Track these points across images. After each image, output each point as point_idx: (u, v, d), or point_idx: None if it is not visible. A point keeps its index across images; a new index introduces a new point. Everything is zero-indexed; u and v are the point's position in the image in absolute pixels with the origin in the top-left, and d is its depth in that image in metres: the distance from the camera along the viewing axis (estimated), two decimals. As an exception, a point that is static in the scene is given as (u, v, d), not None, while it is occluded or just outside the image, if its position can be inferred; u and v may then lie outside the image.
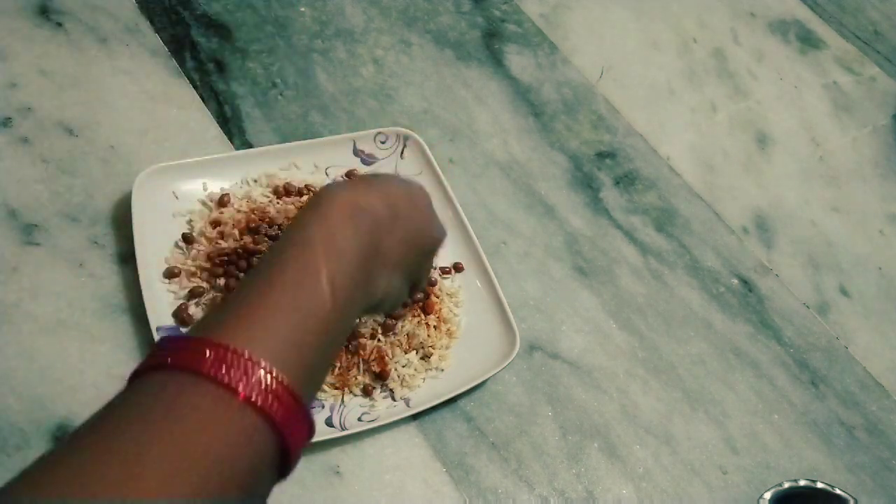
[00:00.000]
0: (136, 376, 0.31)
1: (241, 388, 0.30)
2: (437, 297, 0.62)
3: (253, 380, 0.30)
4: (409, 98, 0.76)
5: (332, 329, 0.35)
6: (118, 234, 0.61)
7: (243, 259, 0.58)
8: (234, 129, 0.70)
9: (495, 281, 0.62)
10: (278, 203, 0.63)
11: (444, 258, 0.65)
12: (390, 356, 0.58)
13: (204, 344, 0.31)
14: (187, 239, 0.60)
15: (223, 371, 0.30)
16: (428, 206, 0.45)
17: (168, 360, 0.31)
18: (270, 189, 0.64)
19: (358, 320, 0.59)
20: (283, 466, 0.32)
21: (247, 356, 0.30)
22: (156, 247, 0.59)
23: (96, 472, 0.26)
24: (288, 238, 0.37)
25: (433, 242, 0.45)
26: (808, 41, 0.95)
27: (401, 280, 0.42)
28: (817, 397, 0.67)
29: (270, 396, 0.30)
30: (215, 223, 0.61)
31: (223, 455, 0.29)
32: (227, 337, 0.31)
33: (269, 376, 0.30)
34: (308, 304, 0.34)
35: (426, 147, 0.68)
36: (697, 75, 0.88)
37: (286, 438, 0.31)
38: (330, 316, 0.34)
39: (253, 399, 0.30)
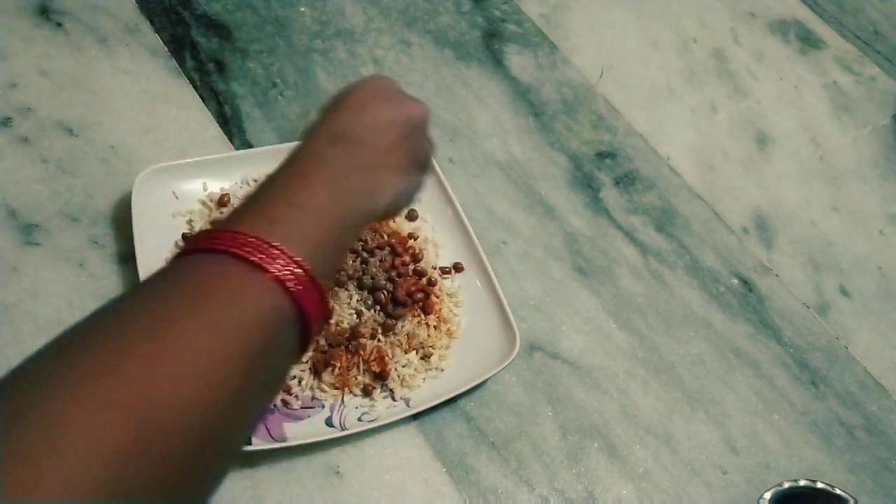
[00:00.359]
0: (176, 258, 0.36)
1: (269, 267, 0.34)
2: (437, 297, 0.62)
3: (279, 261, 0.34)
4: (409, 98, 0.76)
5: (332, 224, 0.39)
6: (118, 234, 0.61)
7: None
8: (234, 129, 0.70)
9: (495, 281, 0.62)
10: (278, 203, 0.63)
11: (444, 258, 0.65)
12: (390, 356, 0.58)
13: (234, 232, 0.35)
14: (187, 239, 0.60)
15: (254, 252, 0.34)
16: (394, 92, 0.48)
17: (203, 244, 0.35)
18: (270, 189, 0.64)
19: (358, 319, 0.59)
20: (302, 341, 0.36)
21: (271, 241, 0.34)
22: (156, 247, 0.59)
23: (132, 340, 0.29)
24: (281, 164, 0.42)
25: (417, 119, 0.47)
26: (808, 41, 0.95)
27: (405, 169, 0.46)
28: (817, 397, 0.67)
29: (294, 276, 0.34)
30: (215, 223, 0.61)
31: (252, 327, 0.32)
32: (250, 226, 0.35)
33: (289, 258, 0.34)
34: (307, 201, 0.38)
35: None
36: (697, 75, 0.88)
37: (307, 315, 0.35)
38: (328, 212, 0.39)
39: (280, 277, 0.34)
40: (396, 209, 0.47)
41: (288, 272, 0.34)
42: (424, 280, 0.62)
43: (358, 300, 0.60)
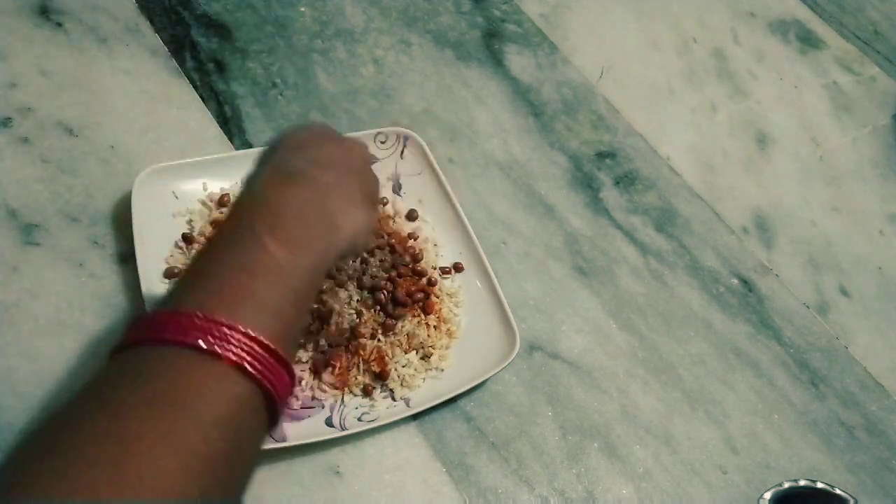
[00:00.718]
0: (117, 352, 0.32)
1: (223, 352, 0.31)
2: (437, 297, 0.62)
3: (234, 342, 0.31)
4: (409, 98, 0.76)
5: (289, 278, 0.36)
6: (118, 234, 0.61)
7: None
8: (234, 129, 0.70)
9: (495, 281, 0.62)
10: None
11: (444, 258, 0.65)
12: (390, 356, 0.58)
13: (180, 314, 0.31)
14: (187, 239, 0.60)
15: (204, 338, 0.31)
16: (331, 133, 0.46)
17: (148, 335, 0.32)
18: (270, 189, 0.64)
19: (358, 319, 0.59)
20: (271, 418, 0.34)
21: (223, 321, 0.31)
22: (156, 247, 0.59)
23: (94, 454, 0.27)
24: (225, 217, 0.39)
25: (359, 155, 0.46)
26: (808, 41, 0.95)
27: (357, 202, 0.43)
28: (817, 397, 0.67)
29: (252, 356, 0.31)
30: (215, 223, 0.61)
31: (215, 418, 0.30)
32: (197, 306, 0.32)
33: (245, 337, 0.31)
34: (259, 261, 0.35)
35: (426, 147, 0.68)
36: (697, 75, 0.88)
37: (272, 393, 0.32)
38: (282, 266, 0.35)
39: (237, 361, 0.31)
40: (355, 247, 0.44)
41: (245, 352, 0.31)
42: (424, 280, 0.62)
43: (358, 300, 0.60)
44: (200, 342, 0.31)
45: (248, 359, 0.31)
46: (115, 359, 0.32)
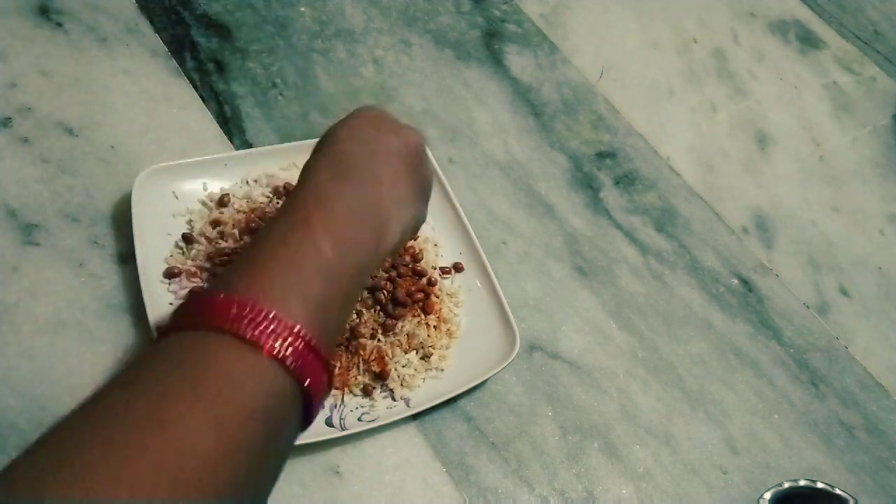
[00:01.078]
0: (161, 336, 0.32)
1: (266, 345, 0.31)
2: (437, 297, 0.62)
3: (277, 334, 0.31)
4: (409, 98, 0.76)
5: (339, 276, 0.36)
6: (118, 234, 0.61)
7: (243, 259, 0.58)
8: (234, 129, 0.70)
9: (495, 281, 0.62)
10: (278, 203, 0.63)
11: (444, 258, 0.65)
12: (390, 356, 0.58)
13: (228, 300, 0.32)
14: (187, 239, 0.60)
15: (248, 328, 0.31)
16: (389, 120, 0.45)
17: (194, 320, 0.32)
18: (270, 189, 0.64)
19: (358, 319, 0.59)
20: (305, 417, 0.34)
21: (269, 314, 0.31)
22: (156, 247, 0.59)
23: (122, 436, 0.27)
24: (282, 206, 0.39)
25: (416, 146, 0.46)
26: (808, 41, 0.95)
27: (411, 201, 0.43)
28: (817, 397, 0.67)
29: (293, 352, 0.31)
30: (215, 223, 0.61)
31: (254, 410, 0.30)
32: (246, 295, 0.32)
33: (290, 333, 0.31)
34: (311, 259, 0.35)
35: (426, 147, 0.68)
36: (697, 75, 0.88)
37: (309, 391, 0.32)
38: (334, 264, 0.35)
39: (278, 355, 0.31)
40: (402, 244, 0.44)
41: (287, 346, 0.31)
42: (424, 280, 0.62)
43: (358, 300, 0.60)
44: (244, 332, 0.31)
45: (290, 354, 0.31)
46: (158, 343, 0.32)
